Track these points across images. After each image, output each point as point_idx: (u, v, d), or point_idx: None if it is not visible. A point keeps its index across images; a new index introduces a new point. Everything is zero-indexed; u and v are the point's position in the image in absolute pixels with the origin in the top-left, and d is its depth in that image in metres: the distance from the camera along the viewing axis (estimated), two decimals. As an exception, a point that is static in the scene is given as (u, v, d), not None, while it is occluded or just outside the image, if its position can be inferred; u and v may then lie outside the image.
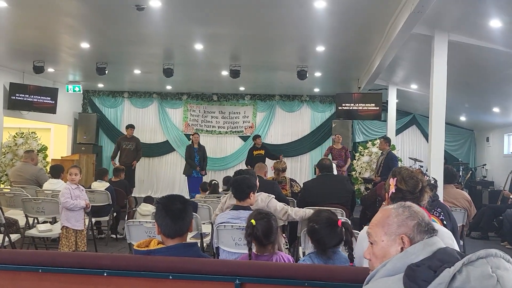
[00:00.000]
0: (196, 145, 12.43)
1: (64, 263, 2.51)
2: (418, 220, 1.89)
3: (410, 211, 1.93)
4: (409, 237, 1.86)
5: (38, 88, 12.80)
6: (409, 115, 15.40)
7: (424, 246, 1.80)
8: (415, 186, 2.73)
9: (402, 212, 1.92)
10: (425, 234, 1.86)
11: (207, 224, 6.50)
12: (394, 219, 1.92)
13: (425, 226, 1.88)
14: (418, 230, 1.87)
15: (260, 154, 12.48)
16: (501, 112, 11.78)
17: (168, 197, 2.90)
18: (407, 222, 1.89)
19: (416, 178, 2.76)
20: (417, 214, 1.91)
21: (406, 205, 1.96)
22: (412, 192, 2.72)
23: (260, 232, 3.38)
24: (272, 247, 3.46)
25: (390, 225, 1.91)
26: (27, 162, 9.18)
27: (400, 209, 1.95)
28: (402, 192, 2.73)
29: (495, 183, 13.14)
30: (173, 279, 2.42)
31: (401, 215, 1.92)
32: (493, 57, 8.00)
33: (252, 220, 3.43)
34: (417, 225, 1.87)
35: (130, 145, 12.62)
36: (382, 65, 9.22)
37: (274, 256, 3.43)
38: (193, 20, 8.02)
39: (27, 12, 7.74)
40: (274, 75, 12.63)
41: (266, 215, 3.54)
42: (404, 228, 1.88)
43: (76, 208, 6.24)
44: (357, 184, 12.02)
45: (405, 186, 2.73)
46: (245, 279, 2.37)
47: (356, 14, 7.28)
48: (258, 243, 3.43)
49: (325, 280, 2.31)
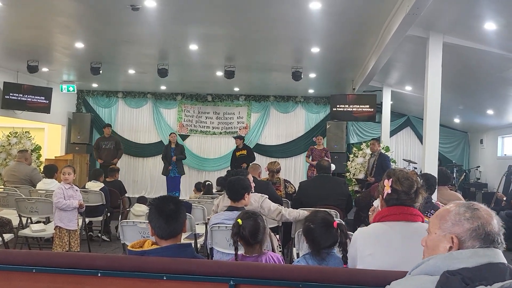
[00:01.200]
0: (174, 145, 12.46)
1: (58, 263, 2.50)
2: (477, 225, 1.76)
3: (472, 213, 1.81)
4: (459, 239, 1.78)
5: (32, 88, 12.75)
6: (404, 117, 15.45)
7: (473, 255, 1.70)
8: (410, 187, 2.73)
9: (463, 212, 1.82)
10: (480, 242, 1.74)
11: (201, 224, 6.50)
12: (452, 216, 1.84)
13: (484, 234, 1.75)
14: (473, 235, 1.76)
15: (243, 155, 12.48)
16: (495, 114, 11.83)
17: (161, 198, 2.89)
18: (463, 223, 1.79)
19: (411, 179, 2.77)
20: (479, 219, 1.78)
21: (472, 206, 1.84)
22: (407, 193, 2.72)
23: (246, 232, 3.38)
24: (260, 247, 3.47)
25: (447, 221, 1.84)
26: (21, 162, 9.14)
27: (463, 208, 1.84)
28: (397, 192, 2.73)
29: (488, 185, 13.20)
30: (167, 280, 2.41)
31: (461, 214, 1.82)
32: (487, 59, 8.03)
33: (238, 220, 3.44)
34: (472, 230, 1.76)
35: (109, 144, 12.61)
36: (376, 67, 9.24)
37: (263, 256, 3.43)
38: (188, 21, 8.02)
39: (22, 11, 7.71)
40: (269, 76, 12.64)
41: (253, 214, 3.55)
42: (458, 228, 1.80)
43: (69, 208, 6.21)
44: (351, 186, 12.03)
45: (401, 187, 2.73)
46: (240, 280, 2.36)
47: (351, 15, 7.29)
48: (245, 242, 3.43)
49: (319, 282, 2.31)
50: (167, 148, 12.52)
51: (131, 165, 15.92)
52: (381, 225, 2.74)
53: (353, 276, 2.33)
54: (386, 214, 2.75)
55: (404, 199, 2.71)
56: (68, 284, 2.49)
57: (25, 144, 12.08)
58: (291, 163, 15.83)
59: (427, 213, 4.65)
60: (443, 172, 6.82)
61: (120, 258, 2.61)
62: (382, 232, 2.70)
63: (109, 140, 12.72)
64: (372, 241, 2.70)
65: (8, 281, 2.54)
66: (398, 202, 2.73)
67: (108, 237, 8.57)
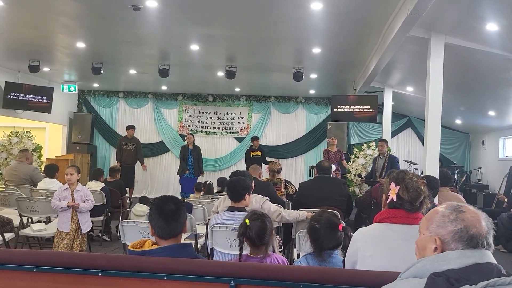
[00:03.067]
0: (191, 146, 12.43)
1: (59, 263, 2.50)
2: (459, 228, 1.76)
3: (456, 215, 1.81)
4: (442, 241, 1.79)
5: (34, 88, 12.76)
6: (405, 118, 15.43)
7: (460, 256, 1.71)
8: (417, 199, 2.68)
9: (448, 214, 1.83)
10: (463, 244, 1.74)
11: (201, 225, 6.49)
12: (437, 218, 1.85)
13: (467, 237, 1.75)
14: (455, 237, 1.76)
15: (257, 156, 12.53)
16: (496, 115, 11.82)
17: (162, 198, 2.89)
18: (447, 225, 1.80)
19: (419, 190, 2.70)
20: (463, 222, 1.78)
21: (458, 209, 1.84)
22: (412, 203, 2.68)
23: (253, 233, 3.37)
24: (265, 249, 3.46)
25: (433, 222, 1.85)
26: (22, 162, 9.14)
27: (448, 210, 1.85)
28: (402, 201, 2.69)
29: (490, 186, 13.18)
30: (168, 280, 2.40)
31: (445, 216, 1.83)
32: (489, 60, 8.02)
33: (246, 220, 3.43)
34: (455, 232, 1.77)
35: (130, 145, 12.64)
36: (378, 68, 9.22)
37: (268, 258, 3.43)
38: (189, 21, 8.02)
39: (23, 11, 7.72)
40: (270, 77, 12.63)
41: (261, 215, 3.54)
42: (442, 230, 1.81)
43: (58, 208, 6.22)
44: (351, 187, 12.01)
45: (407, 197, 2.68)
46: (240, 281, 2.36)
47: (352, 16, 7.28)
48: (251, 243, 3.43)
49: (320, 282, 2.31)
50: (185, 149, 12.48)
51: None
52: (382, 226, 2.72)
53: (354, 277, 2.33)
54: (388, 216, 2.73)
55: (407, 208, 2.68)
56: (69, 284, 2.49)
57: (26, 144, 12.07)
58: (292, 163, 15.80)
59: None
60: (444, 173, 6.82)
61: (120, 258, 2.61)
62: (383, 234, 2.69)
63: (131, 142, 12.74)
64: (373, 243, 2.68)
65: (9, 280, 2.54)
66: (400, 207, 2.70)
67: (109, 237, 8.57)
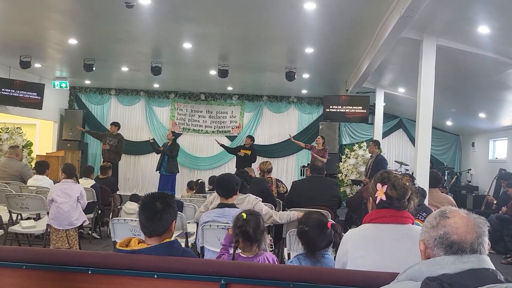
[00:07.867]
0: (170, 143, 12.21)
1: (49, 260, 2.48)
2: (440, 234, 1.77)
3: (440, 221, 1.81)
4: (426, 245, 1.82)
5: (25, 84, 12.67)
6: (396, 119, 15.49)
7: (456, 260, 1.70)
8: (404, 195, 2.71)
9: (433, 220, 1.85)
10: (444, 250, 1.75)
11: (192, 223, 6.47)
12: (426, 222, 1.88)
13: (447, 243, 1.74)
14: (435, 243, 1.78)
15: (246, 154, 12.41)
16: (487, 117, 11.88)
17: (151, 195, 2.83)
18: (430, 231, 1.82)
19: (405, 186, 2.73)
20: (445, 228, 1.78)
21: (444, 214, 1.84)
22: (400, 200, 2.70)
23: (250, 227, 3.36)
24: (257, 247, 3.46)
25: (424, 226, 1.88)
26: (12, 158, 9.07)
27: (434, 215, 1.87)
28: (391, 199, 2.71)
29: (479, 188, 13.26)
30: (158, 278, 2.40)
31: (431, 221, 1.85)
32: (480, 62, 8.06)
33: (243, 214, 3.43)
34: (436, 238, 1.78)
35: (113, 141, 12.52)
36: (370, 68, 9.25)
37: (259, 256, 3.42)
38: (182, 19, 8.01)
39: (15, 6, 7.67)
40: (263, 76, 12.64)
41: (255, 212, 3.58)
42: (426, 235, 1.83)
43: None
44: (342, 187, 12.04)
45: (395, 194, 2.70)
46: (231, 280, 2.36)
47: (345, 17, 7.30)
48: (246, 239, 3.41)
49: (310, 282, 2.31)
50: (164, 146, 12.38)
51: (123, 163, 15.81)
52: (371, 226, 2.73)
53: (344, 276, 2.34)
54: (377, 216, 2.74)
55: (396, 206, 2.70)
56: (59, 281, 2.48)
57: (16, 140, 12.00)
58: (284, 163, 15.83)
59: (419, 216, 4.66)
60: (434, 175, 6.85)
61: (110, 255, 2.60)
62: (373, 234, 2.69)
63: (114, 138, 12.64)
64: (363, 243, 2.69)
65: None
66: (389, 206, 2.72)
67: (99, 234, 8.54)
